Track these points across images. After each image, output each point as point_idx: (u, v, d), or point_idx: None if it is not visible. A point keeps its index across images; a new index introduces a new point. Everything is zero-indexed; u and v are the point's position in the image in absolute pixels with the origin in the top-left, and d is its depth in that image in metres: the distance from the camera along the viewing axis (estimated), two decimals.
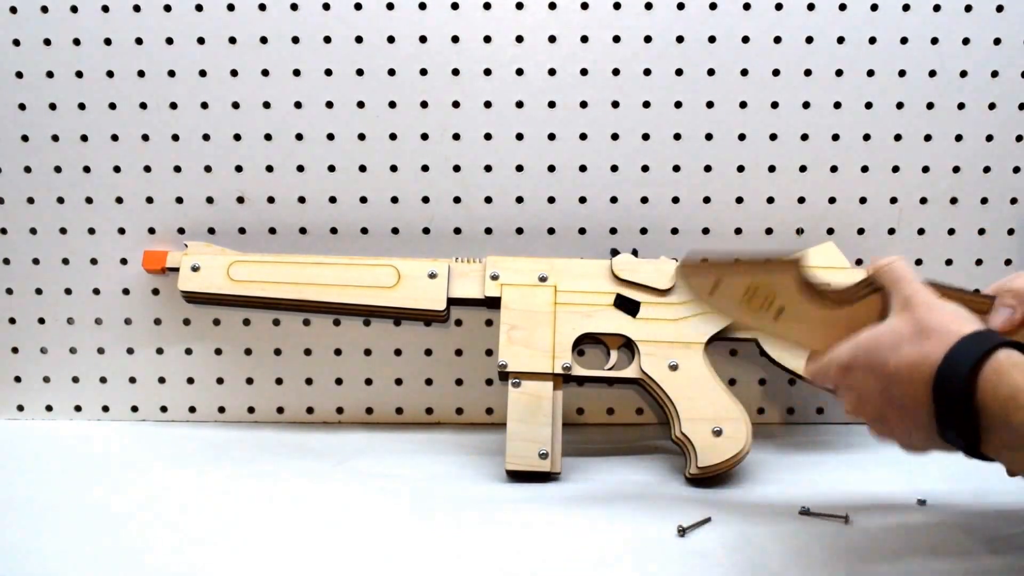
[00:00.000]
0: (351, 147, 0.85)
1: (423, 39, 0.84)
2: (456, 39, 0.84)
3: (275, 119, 0.85)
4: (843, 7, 0.84)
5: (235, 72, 0.84)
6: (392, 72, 0.84)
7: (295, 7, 0.84)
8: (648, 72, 0.85)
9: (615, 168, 0.86)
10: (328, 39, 0.84)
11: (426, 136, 0.85)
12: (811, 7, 0.84)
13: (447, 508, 0.66)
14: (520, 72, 0.85)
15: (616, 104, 0.85)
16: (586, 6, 0.84)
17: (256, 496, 0.68)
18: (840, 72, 0.85)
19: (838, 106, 0.85)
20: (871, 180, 0.86)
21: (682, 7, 0.84)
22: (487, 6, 0.84)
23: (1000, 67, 0.85)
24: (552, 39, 0.84)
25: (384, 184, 0.86)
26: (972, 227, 0.87)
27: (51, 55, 0.84)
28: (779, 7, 0.84)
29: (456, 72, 0.85)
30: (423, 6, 0.84)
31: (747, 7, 0.84)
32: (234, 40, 0.84)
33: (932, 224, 0.87)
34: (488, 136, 0.85)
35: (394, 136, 0.85)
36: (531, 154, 0.85)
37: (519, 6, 0.84)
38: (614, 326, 0.76)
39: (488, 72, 0.85)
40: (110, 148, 0.85)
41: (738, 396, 0.74)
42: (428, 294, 0.78)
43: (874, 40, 0.85)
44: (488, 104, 0.85)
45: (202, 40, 0.84)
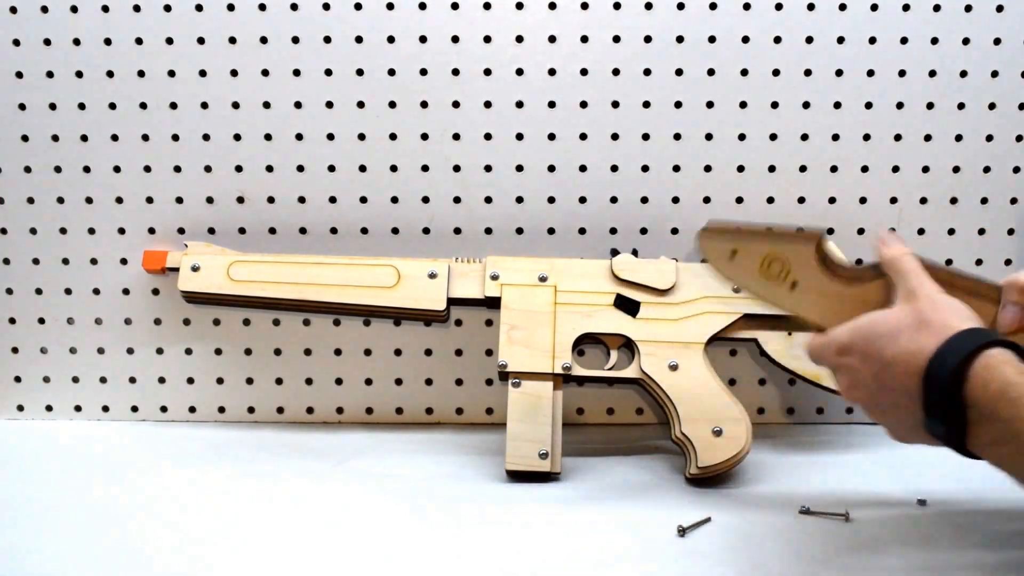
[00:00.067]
0: (351, 147, 0.85)
1: (423, 39, 0.84)
2: (456, 39, 0.84)
3: (275, 119, 0.85)
4: (843, 7, 0.84)
5: (235, 72, 0.84)
6: (392, 72, 0.84)
7: (295, 7, 0.84)
8: (648, 72, 0.85)
9: (615, 168, 0.86)
10: (328, 39, 0.84)
11: (426, 136, 0.85)
12: (811, 7, 0.84)
13: (447, 508, 0.66)
14: (520, 72, 0.85)
15: (616, 104, 0.85)
16: (586, 6, 0.84)
17: (256, 496, 0.68)
18: (840, 72, 0.85)
19: (838, 106, 0.85)
20: (871, 180, 0.86)
21: (682, 7, 0.84)
22: (487, 6, 0.84)
23: (1000, 67, 0.85)
24: (552, 39, 0.84)
25: (384, 184, 0.86)
26: (972, 227, 0.87)
27: (51, 55, 0.84)
28: (779, 7, 0.84)
29: (456, 72, 0.85)
30: (423, 6, 0.84)
31: (747, 7, 0.84)
32: (234, 40, 0.84)
33: (932, 224, 0.87)
34: (488, 136, 0.85)
35: (394, 136, 0.85)
36: (531, 154, 0.85)
37: (519, 6, 0.84)
38: (614, 326, 0.76)
39: (488, 72, 0.85)
40: (110, 148, 0.85)
41: (738, 396, 0.74)
42: (428, 294, 0.78)
43: (874, 40, 0.85)
44: (488, 104, 0.85)
45: (202, 40, 0.84)
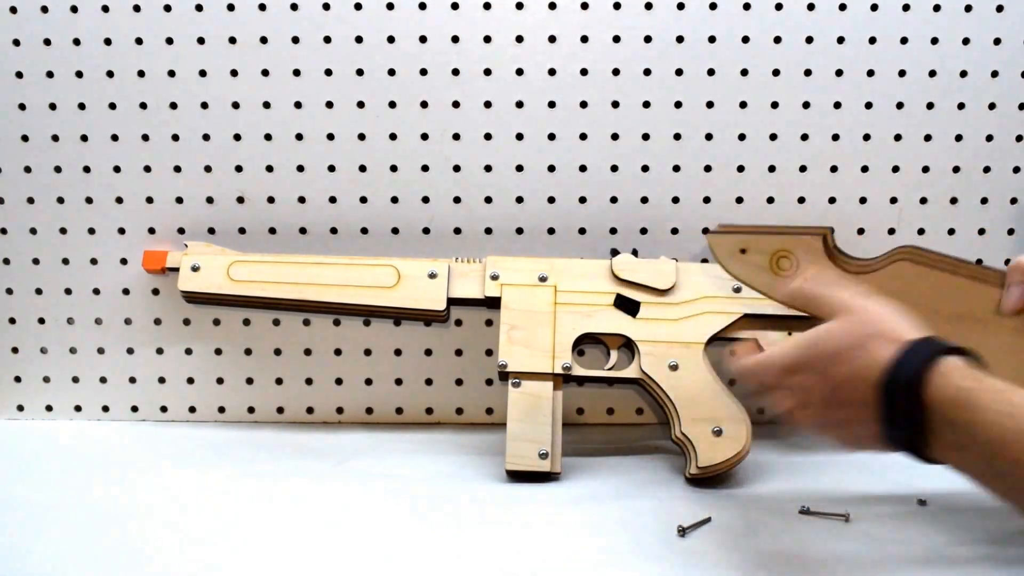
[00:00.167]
0: (351, 147, 0.85)
1: (423, 39, 0.84)
2: (456, 39, 0.84)
3: (275, 119, 0.85)
4: (843, 7, 0.84)
5: (235, 72, 0.84)
6: (392, 72, 0.84)
7: (295, 7, 0.84)
8: (648, 72, 0.85)
9: (615, 168, 0.86)
10: (328, 39, 0.84)
11: (426, 136, 0.85)
12: (811, 7, 0.84)
13: (447, 508, 0.66)
14: (520, 72, 0.85)
15: (616, 104, 0.85)
16: (586, 6, 0.84)
17: (256, 496, 0.68)
18: (840, 72, 0.85)
19: (838, 106, 0.85)
20: (871, 180, 0.86)
21: (682, 7, 0.84)
22: (487, 6, 0.84)
23: (1000, 67, 0.85)
24: (552, 39, 0.84)
25: (384, 184, 0.86)
26: (972, 227, 0.87)
27: (51, 55, 0.84)
28: (779, 7, 0.84)
29: (456, 72, 0.85)
30: (423, 6, 0.84)
31: (747, 7, 0.84)
32: (234, 40, 0.84)
33: (932, 224, 0.87)
34: (488, 136, 0.85)
35: (394, 136, 0.85)
36: (531, 154, 0.85)
37: (519, 6, 0.84)
38: (614, 326, 0.76)
39: (488, 72, 0.85)
40: (110, 148, 0.85)
41: (738, 396, 0.74)
42: (428, 294, 0.78)
43: (874, 40, 0.85)
44: (488, 104, 0.85)
45: (202, 40, 0.84)
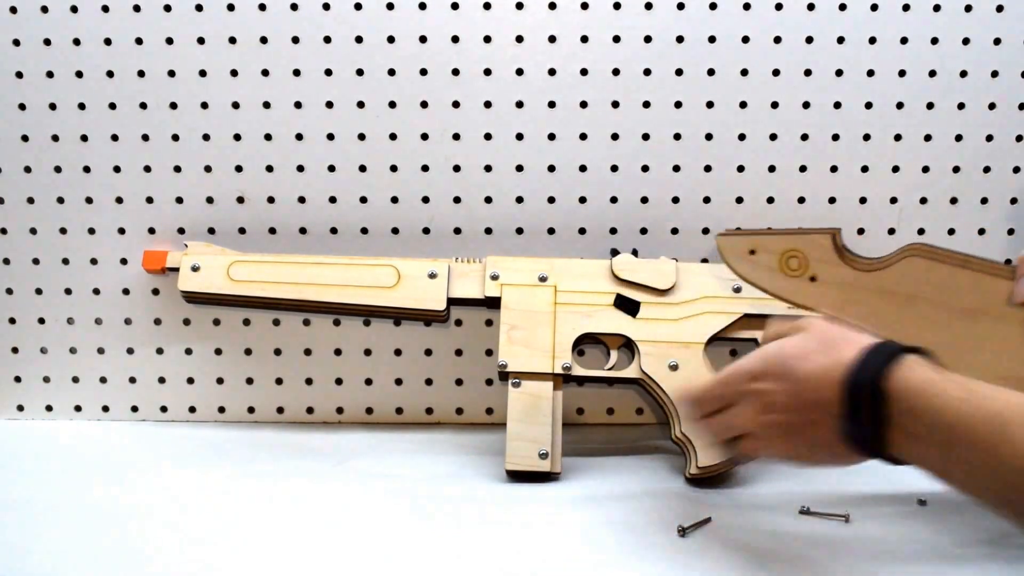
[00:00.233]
0: (351, 147, 0.85)
1: (423, 39, 0.84)
2: (456, 39, 0.84)
3: (275, 119, 0.85)
4: (843, 7, 0.84)
5: (235, 72, 0.84)
6: (392, 72, 0.84)
7: (295, 7, 0.84)
8: (648, 72, 0.85)
9: (615, 168, 0.86)
10: (328, 39, 0.84)
11: (426, 136, 0.85)
12: (811, 7, 0.84)
13: (447, 508, 0.66)
14: (520, 72, 0.85)
15: (616, 104, 0.85)
16: (586, 6, 0.84)
17: (256, 496, 0.68)
18: (840, 72, 0.85)
19: (838, 106, 0.85)
20: (871, 180, 0.86)
21: (682, 7, 0.84)
22: (487, 6, 0.84)
23: (1000, 67, 0.85)
24: (552, 39, 0.84)
25: (384, 184, 0.86)
26: (972, 227, 0.87)
27: (51, 55, 0.84)
28: (779, 7, 0.84)
29: (456, 72, 0.85)
30: (423, 6, 0.84)
31: (747, 7, 0.84)
32: (234, 40, 0.84)
33: (932, 224, 0.87)
34: (488, 136, 0.85)
35: (394, 136, 0.85)
36: (531, 154, 0.85)
37: (519, 6, 0.84)
38: (614, 326, 0.76)
39: (488, 72, 0.85)
40: (110, 148, 0.85)
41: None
42: (428, 294, 0.78)
43: (874, 40, 0.85)
44: (488, 104, 0.85)
45: (202, 40, 0.84)
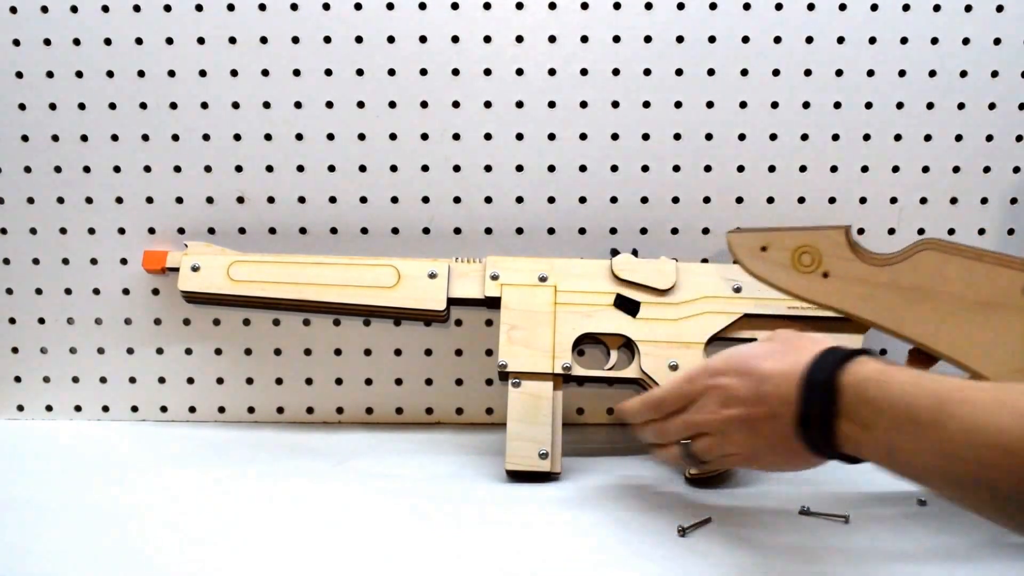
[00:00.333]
0: (351, 147, 0.85)
1: (423, 39, 0.84)
2: (456, 39, 0.84)
3: (275, 119, 0.85)
4: (843, 7, 0.84)
5: (235, 72, 0.84)
6: (392, 72, 0.84)
7: (295, 7, 0.84)
8: (648, 72, 0.85)
9: (615, 168, 0.86)
10: (328, 39, 0.84)
11: (426, 136, 0.85)
12: (811, 7, 0.84)
13: (447, 508, 0.66)
14: (520, 72, 0.85)
15: (616, 104, 0.85)
16: (586, 6, 0.84)
17: (256, 496, 0.68)
18: (840, 72, 0.85)
19: (838, 106, 0.85)
20: (871, 180, 0.86)
21: (682, 7, 0.84)
22: (487, 6, 0.84)
23: (1000, 67, 0.85)
24: (552, 39, 0.84)
25: (384, 184, 0.86)
26: (972, 227, 0.87)
27: (51, 55, 0.84)
28: (779, 7, 0.84)
29: (456, 72, 0.85)
30: (423, 6, 0.84)
31: (747, 7, 0.84)
32: (234, 40, 0.84)
33: (932, 224, 0.87)
34: (488, 136, 0.85)
35: (394, 136, 0.85)
36: (531, 154, 0.85)
37: (519, 6, 0.84)
38: (614, 326, 0.76)
39: (488, 72, 0.85)
40: (110, 148, 0.85)
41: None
42: (428, 294, 0.78)
43: (874, 40, 0.85)
44: (488, 104, 0.85)
45: (202, 40, 0.84)
